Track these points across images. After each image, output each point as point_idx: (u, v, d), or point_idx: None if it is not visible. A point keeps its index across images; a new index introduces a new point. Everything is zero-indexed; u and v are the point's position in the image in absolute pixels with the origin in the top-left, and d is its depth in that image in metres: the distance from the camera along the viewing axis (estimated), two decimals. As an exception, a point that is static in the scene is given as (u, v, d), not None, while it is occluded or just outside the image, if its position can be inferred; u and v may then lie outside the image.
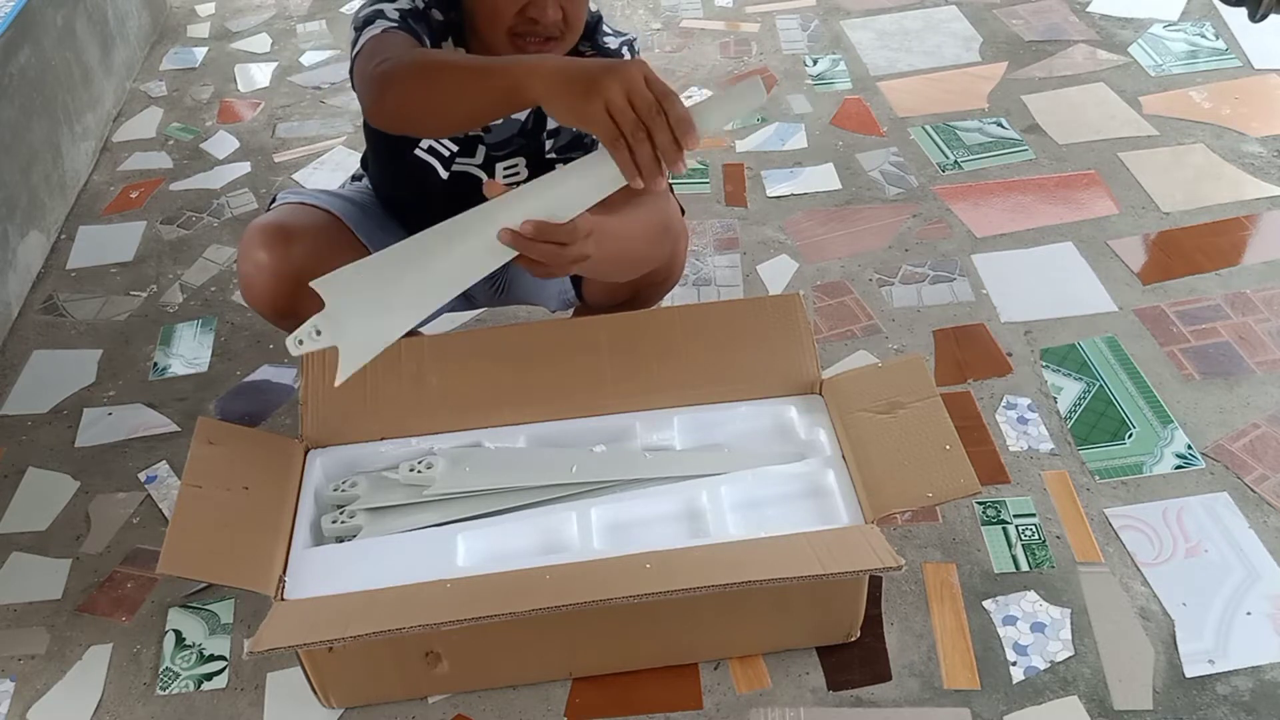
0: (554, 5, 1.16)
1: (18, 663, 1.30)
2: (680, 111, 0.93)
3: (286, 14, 2.89)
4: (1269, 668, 1.18)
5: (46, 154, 2.06)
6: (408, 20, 1.21)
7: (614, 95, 0.92)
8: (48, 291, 1.93)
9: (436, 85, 1.08)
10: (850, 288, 1.77)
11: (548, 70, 0.97)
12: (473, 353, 1.35)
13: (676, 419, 1.34)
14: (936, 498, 1.15)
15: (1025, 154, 2.06)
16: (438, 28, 1.25)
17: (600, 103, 0.92)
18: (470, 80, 1.05)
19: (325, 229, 1.32)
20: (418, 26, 1.21)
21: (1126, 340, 1.61)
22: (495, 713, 1.20)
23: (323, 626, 1.07)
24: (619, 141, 0.93)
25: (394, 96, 1.11)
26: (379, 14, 1.21)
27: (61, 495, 1.52)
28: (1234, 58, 2.30)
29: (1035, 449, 1.46)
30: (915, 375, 1.28)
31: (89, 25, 2.34)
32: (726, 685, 1.21)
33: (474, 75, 1.04)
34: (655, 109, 0.92)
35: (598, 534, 1.21)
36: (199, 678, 1.26)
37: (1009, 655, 1.22)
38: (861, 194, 2.00)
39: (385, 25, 1.20)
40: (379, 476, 1.30)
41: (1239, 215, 1.86)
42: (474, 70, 1.05)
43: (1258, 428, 1.46)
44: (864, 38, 2.52)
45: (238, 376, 1.70)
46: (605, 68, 0.94)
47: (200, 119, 2.43)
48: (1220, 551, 1.31)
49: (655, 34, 2.62)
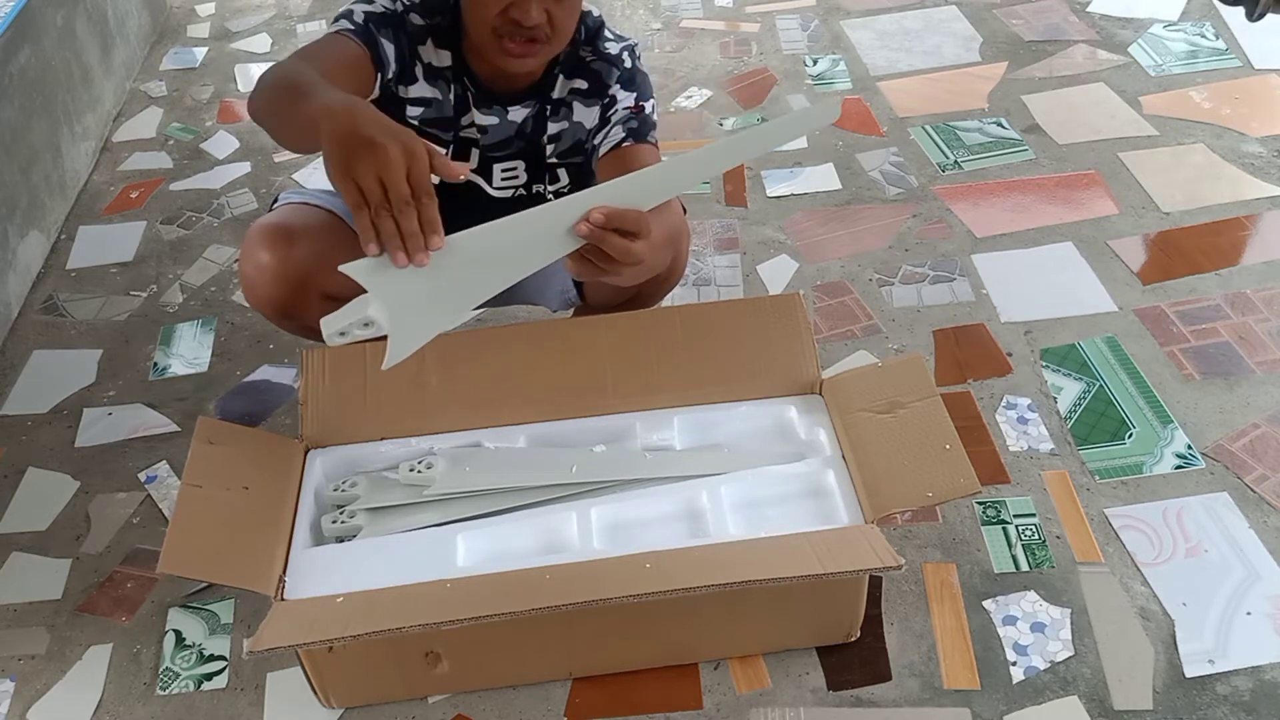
0: (537, 8, 1.15)
1: (18, 663, 1.30)
2: (431, 215, 0.91)
3: (286, 14, 2.89)
4: (1269, 668, 1.18)
5: (46, 154, 2.06)
6: (370, 26, 1.21)
7: (365, 176, 0.89)
8: (48, 291, 1.93)
9: (277, 103, 1.07)
10: (850, 288, 1.77)
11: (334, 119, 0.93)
12: (473, 353, 1.35)
13: (676, 419, 1.34)
14: (936, 497, 1.15)
15: (1025, 154, 2.06)
16: (415, 32, 1.25)
17: (351, 178, 0.89)
18: (294, 107, 1.02)
19: (327, 229, 1.32)
20: (381, 32, 1.22)
21: (1126, 340, 1.61)
22: (495, 713, 1.20)
23: (323, 626, 1.07)
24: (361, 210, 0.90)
25: (255, 100, 1.12)
26: (348, 14, 1.22)
27: (61, 495, 1.52)
28: (1234, 58, 2.31)
29: (1035, 449, 1.46)
30: (915, 374, 1.28)
31: (89, 25, 2.34)
32: (726, 685, 1.21)
33: (298, 103, 1.01)
34: (405, 202, 0.90)
35: (598, 534, 1.21)
36: (199, 678, 1.26)
37: (1009, 655, 1.22)
38: (861, 194, 2.00)
39: (343, 27, 1.21)
40: (379, 476, 1.30)
41: (1239, 215, 1.86)
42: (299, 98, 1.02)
43: (1258, 428, 1.46)
44: (864, 38, 2.52)
45: (238, 376, 1.70)
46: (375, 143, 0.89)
47: (200, 119, 2.43)
48: (1220, 551, 1.31)
49: (655, 34, 2.62)
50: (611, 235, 0.97)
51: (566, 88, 1.31)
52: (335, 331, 0.98)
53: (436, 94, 1.29)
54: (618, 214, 0.97)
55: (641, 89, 1.31)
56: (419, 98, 1.28)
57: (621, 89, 1.29)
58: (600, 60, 1.30)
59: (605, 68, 1.29)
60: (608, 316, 1.36)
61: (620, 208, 0.97)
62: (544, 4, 1.16)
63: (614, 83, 1.29)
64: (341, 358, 1.34)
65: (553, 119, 1.32)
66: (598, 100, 1.30)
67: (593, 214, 0.96)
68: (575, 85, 1.31)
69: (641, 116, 1.29)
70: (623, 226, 0.97)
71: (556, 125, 1.32)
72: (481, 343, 1.37)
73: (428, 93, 1.28)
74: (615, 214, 0.97)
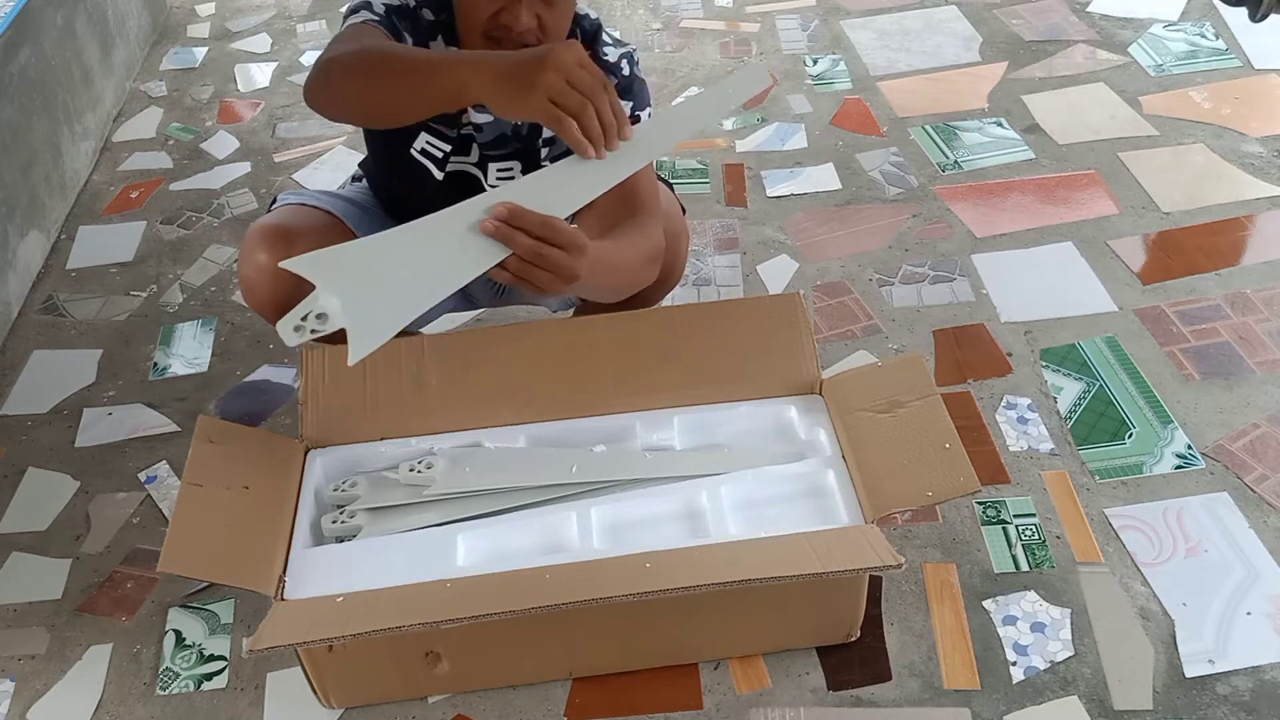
0: (528, 13, 1.15)
1: (18, 663, 1.30)
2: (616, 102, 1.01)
3: (286, 14, 2.89)
4: (1269, 668, 1.18)
5: (46, 154, 2.06)
6: (392, 17, 1.21)
7: (554, 82, 0.96)
8: (48, 291, 1.93)
9: (380, 76, 1.08)
10: (850, 288, 1.77)
11: (487, 68, 1.00)
12: (473, 353, 1.35)
13: (676, 419, 1.34)
14: (936, 496, 1.15)
15: (1025, 154, 2.06)
16: (426, 27, 1.24)
17: (541, 92, 0.96)
18: (414, 75, 1.06)
19: (326, 230, 1.32)
20: (401, 24, 1.22)
21: (1126, 340, 1.61)
22: (495, 713, 1.20)
23: (323, 626, 1.07)
24: (564, 121, 0.97)
25: (338, 81, 1.12)
26: (367, 4, 1.22)
27: (61, 495, 1.52)
28: (1234, 58, 2.31)
29: (1035, 449, 1.46)
30: (915, 374, 1.28)
31: (89, 25, 2.34)
32: (726, 685, 1.21)
33: (418, 70, 1.06)
34: (596, 86, 0.98)
35: (598, 534, 1.21)
36: (199, 678, 1.26)
37: (1009, 655, 1.22)
38: (861, 194, 2.00)
39: (367, 17, 1.21)
40: (379, 476, 1.30)
41: (1239, 215, 1.86)
42: (419, 65, 1.06)
43: (1258, 428, 1.46)
44: (864, 38, 2.52)
45: (238, 376, 1.70)
46: (539, 58, 0.98)
47: (200, 119, 2.43)
48: (1220, 551, 1.31)
49: (655, 34, 2.62)
50: (519, 235, 0.98)
51: None
52: (290, 328, 0.98)
53: None
54: (520, 213, 0.98)
55: (639, 98, 1.30)
56: None
57: (619, 96, 1.28)
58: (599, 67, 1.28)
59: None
60: (608, 316, 1.36)
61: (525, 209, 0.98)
62: (534, 8, 1.15)
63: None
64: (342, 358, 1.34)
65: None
66: None
67: (498, 208, 0.98)
68: None
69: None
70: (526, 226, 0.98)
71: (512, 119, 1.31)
72: (481, 342, 1.37)
73: None
74: (518, 212, 0.98)
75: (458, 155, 1.32)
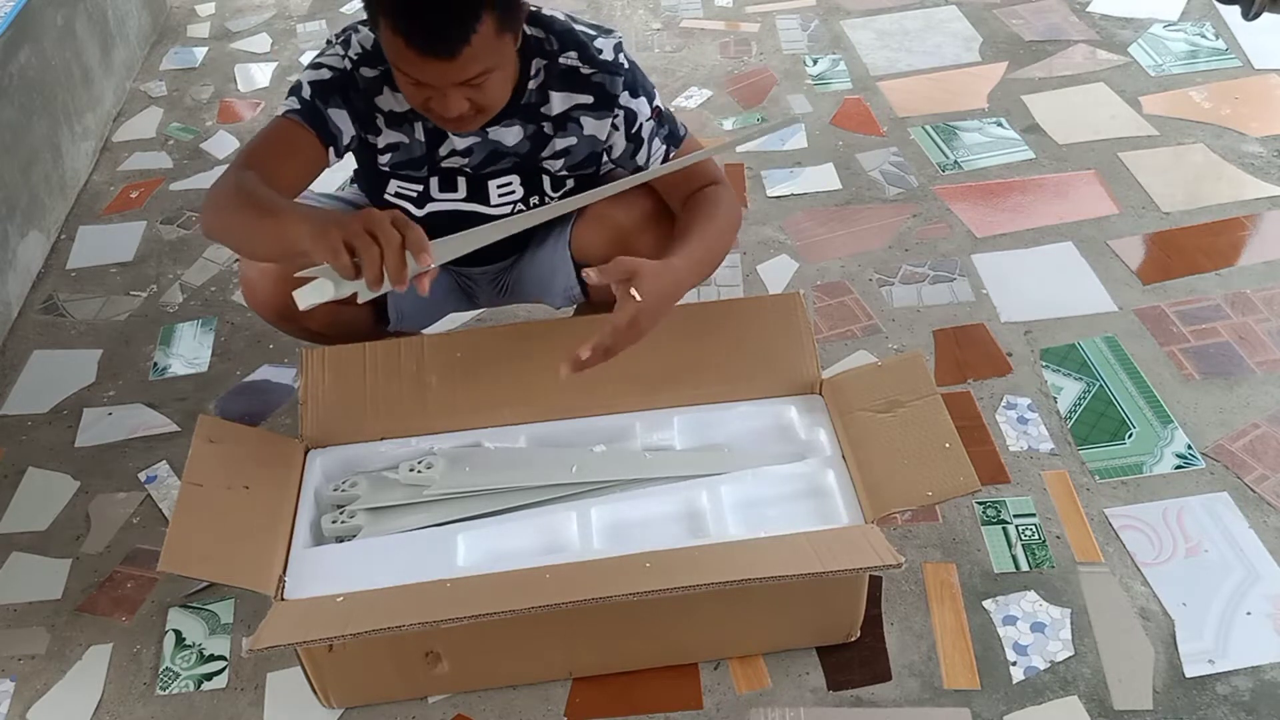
0: (456, 102, 1.14)
1: (18, 663, 1.30)
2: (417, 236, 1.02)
3: (286, 14, 2.89)
4: (1269, 668, 1.18)
5: (46, 154, 2.06)
6: (316, 101, 1.22)
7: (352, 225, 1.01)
8: (48, 291, 1.93)
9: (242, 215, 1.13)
10: (850, 288, 1.77)
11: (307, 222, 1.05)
12: (473, 353, 1.35)
13: (676, 419, 1.34)
14: (936, 496, 1.15)
15: (1025, 154, 2.06)
16: (369, 85, 1.23)
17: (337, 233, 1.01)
18: (264, 220, 1.10)
19: (325, 232, 1.32)
20: (330, 102, 1.22)
21: (1126, 340, 1.61)
22: (495, 713, 1.20)
23: (323, 625, 1.07)
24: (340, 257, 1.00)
25: (211, 221, 1.18)
26: (297, 88, 1.23)
27: (61, 495, 1.52)
28: (1234, 58, 2.31)
29: (1035, 449, 1.46)
30: (915, 373, 1.28)
31: (89, 25, 2.34)
32: (726, 685, 1.21)
33: (266, 217, 1.10)
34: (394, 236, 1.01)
35: (598, 534, 1.21)
36: (199, 678, 1.26)
37: (1009, 655, 1.22)
38: (861, 194, 2.00)
39: (289, 108, 1.22)
40: (379, 476, 1.30)
41: (1239, 215, 1.86)
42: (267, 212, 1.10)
43: (1258, 428, 1.46)
44: (864, 38, 2.52)
45: (238, 376, 1.70)
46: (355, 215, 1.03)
47: (200, 119, 2.43)
48: (1220, 551, 1.31)
49: (655, 34, 2.62)
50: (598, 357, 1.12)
51: (570, 103, 1.27)
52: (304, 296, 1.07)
53: (403, 137, 1.27)
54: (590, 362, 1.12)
55: (645, 88, 1.29)
56: (387, 145, 1.28)
57: (630, 95, 1.26)
58: (600, 72, 1.26)
59: (607, 78, 1.26)
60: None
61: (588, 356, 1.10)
62: (463, 94, 1.14)
63: (621, 90, 1.26)
64: (341, 358, 1.34)
65: (560, 135, 1.29)
66: (608, 112, 1.28)
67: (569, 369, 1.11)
68: (580, 101, 1.26)
69: (661, 117, 1.30)
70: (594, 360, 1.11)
71: (565, 141, 1.29)
72: (481, 343, 1.37)
73: (394, 138, 1.27)
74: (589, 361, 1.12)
75: (444, 192, 1.32)
